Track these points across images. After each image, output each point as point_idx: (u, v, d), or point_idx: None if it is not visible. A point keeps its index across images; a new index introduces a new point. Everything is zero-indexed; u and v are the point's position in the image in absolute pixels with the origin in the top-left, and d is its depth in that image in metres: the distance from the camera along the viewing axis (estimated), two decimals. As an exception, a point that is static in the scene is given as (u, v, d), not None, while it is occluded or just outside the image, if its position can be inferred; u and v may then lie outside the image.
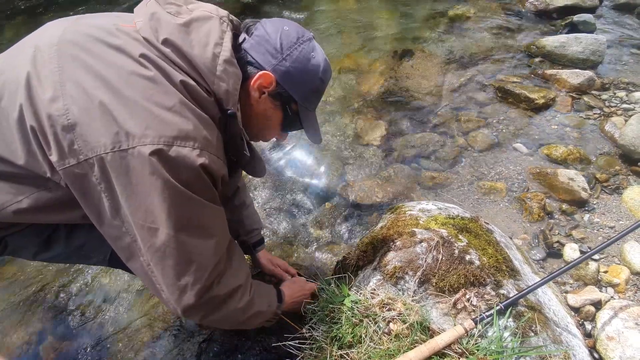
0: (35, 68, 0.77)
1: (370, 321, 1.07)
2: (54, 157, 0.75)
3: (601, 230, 1.71)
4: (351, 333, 1.06)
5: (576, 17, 3.07)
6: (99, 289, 1.66)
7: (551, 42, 2.78)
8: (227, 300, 0.94)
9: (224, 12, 0.92)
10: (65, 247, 0.99)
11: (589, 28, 3.00)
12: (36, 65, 0.77)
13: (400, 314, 1.07)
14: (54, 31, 0.82)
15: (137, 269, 0.85)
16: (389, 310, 1.09)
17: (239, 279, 0.97)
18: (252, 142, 1.05)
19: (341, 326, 1.09)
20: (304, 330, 1.16)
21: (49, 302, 1.63)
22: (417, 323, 1.04)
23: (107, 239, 0.84)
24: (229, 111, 0.86)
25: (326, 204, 1.98)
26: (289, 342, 1.13)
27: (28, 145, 0.77)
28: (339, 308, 1.13)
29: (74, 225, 0.97)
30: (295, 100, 0.95)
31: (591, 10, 3.21)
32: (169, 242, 0.79)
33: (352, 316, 1.10)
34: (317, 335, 1.13)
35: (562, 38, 2.78)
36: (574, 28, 3.04)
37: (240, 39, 0.93)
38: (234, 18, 0.96)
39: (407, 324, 1.04)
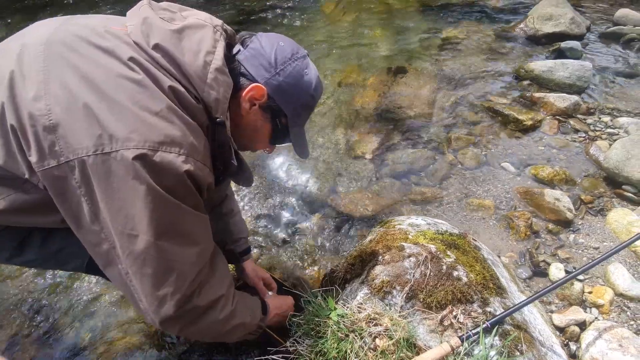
0: (20, 66, 0.75)
1: (356, 336, 1.06)
2: (33, 158, 0.72)
3: (586, 250, 1.73)
4: (336, 348, 1.04)
5: (563, 44, 3.18)
6: (75, 296, 1.60)
7: (539, 66, 2.86)
8: (207, 312, 0.91)
9: (218, 22, 0.92)
10: (40, 251, 0.95)
11: (575, 55, 3.11)
12: (21, 63, 0.76)
13: (386, 329, 1.05)
14: (43, 30, 0.81)
15: (114, 277, 0.82)
16: (376, 325, 1.07)
17: (221, 289, 0.94)
18: (239, 152, 1.04)
19: (326, 341, 1.07)
20: (288, 344, 1.14)
21: (23, 308, 1.56)
22: (403, 339, 1.02)
23: (85, 245, 0.81)
24: (218, 119, 0.85)
25: (316, 215, 1.97)
26: (272, 356, 1.10)
27: (7, 145, 0.75)
28: (325, 322, 1.12)
29: (51, 229, 0.93)
30: (286, 114, 0.96)
31: (578, 37, 3.34)
32: (149, 250, 0.76)
33: (338, 330, 1.08)
34: (302, 350, 1.10)
35: (549, 63, 2.87)
36: (561, 54, 3.15)
37: (235, 49, 0.93)
38: (228, 28, 0.96)
39: (393, 340, 1.02)
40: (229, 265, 1.46)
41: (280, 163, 2.27)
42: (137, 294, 0.81)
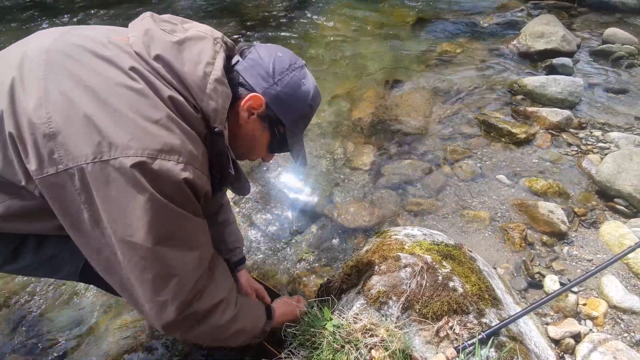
0: (21, 74, 0.76)
1: (352, 347, 1.05)
2: (31, 166, 0.72)
3: (579, 262, 1.74)
4: (332, 359, 1.03)
5: (555, 60, 3.26)
6: (68, 302, 1.57)
7: (532, 81, 2.93)
8: (209, 315, 0.91)
9: (218, 34, 0.94)
10: (33, 258, 0.94)
11: (567, 71, 3.19)
12: (22, 71, 0.76)
13: (382, 340, 1.05)
14: (45, 39, 0.82)
15: (116, 284, 0.82)
16: (372, 336, 1.07)
17: (222, 293, 0.94)
18: (237, 161, 1.05)
19: (322, 352, 1.06)
20: (283, 355, 1.12)
21: (13, 315, 1.53)
22: (399, 351, 1.02)
23: (85, 252, 0.81)
24: (216, 129, 0.86)
25: (312, 225, 1.97)
26: (267, 367, 1.09)
27: (5, 153, 0.75)
28: (321, 332, 1.11)
29: (44, 236, 0.93)
30: (284, 123, 0.97)
31: (569, 54, 3.43)
32: (149, 256, 0.77)
33: (334, 341, 1.07)
34: (297, 361, 1.09)
35: (542, 79, 2.94)
36: (553, 70, 3.23)
37: (234, 60, 0.95)
38: (228, 40, 0.98)
39: (389, 352, 1.02)
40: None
41: (278, 173, 2.27)
42: (140, 300, 0.81)
